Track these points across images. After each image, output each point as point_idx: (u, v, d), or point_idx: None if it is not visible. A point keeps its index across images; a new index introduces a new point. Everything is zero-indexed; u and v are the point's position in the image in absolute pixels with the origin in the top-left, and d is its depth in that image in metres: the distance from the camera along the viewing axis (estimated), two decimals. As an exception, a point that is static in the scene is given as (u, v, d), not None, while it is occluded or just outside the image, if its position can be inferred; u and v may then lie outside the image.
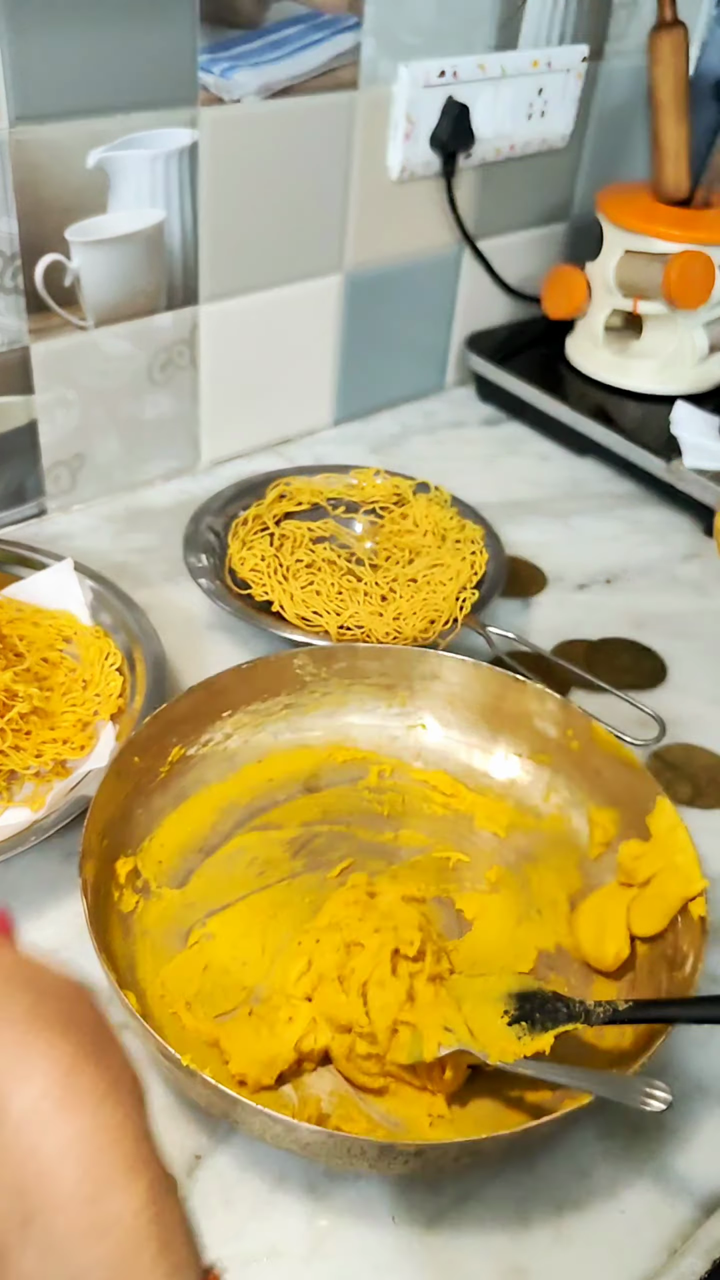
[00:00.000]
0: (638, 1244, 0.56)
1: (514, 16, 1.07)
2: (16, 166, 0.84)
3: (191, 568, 0.90)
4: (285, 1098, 0.60)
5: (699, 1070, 0.64)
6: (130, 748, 0.69)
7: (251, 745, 0.77)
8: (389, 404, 1.25)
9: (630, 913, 0.66)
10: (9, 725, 0.74)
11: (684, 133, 1.12)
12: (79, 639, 0.84)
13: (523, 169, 1.20)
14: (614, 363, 1.18)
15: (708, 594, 1.01)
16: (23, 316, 0.90)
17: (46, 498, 1.01)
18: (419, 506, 0.99)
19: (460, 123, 1.07)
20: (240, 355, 1.07)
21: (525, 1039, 0.58)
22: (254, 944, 0.66)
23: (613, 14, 1.17)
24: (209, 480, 1.08)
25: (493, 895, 0.71)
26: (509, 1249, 0.56)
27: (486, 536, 0.96)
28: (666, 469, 1.08)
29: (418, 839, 0.74)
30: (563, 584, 1.01)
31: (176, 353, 1.02)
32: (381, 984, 0.60)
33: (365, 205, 1.08)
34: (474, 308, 1.25)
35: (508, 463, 1.18)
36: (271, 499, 0.99)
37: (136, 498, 1.06)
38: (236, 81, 0.92)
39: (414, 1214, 0.57)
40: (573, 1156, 0.59)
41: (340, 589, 0.89)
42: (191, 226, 0.96)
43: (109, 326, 0.96)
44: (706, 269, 1.09)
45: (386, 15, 0.99)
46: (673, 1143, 0.60)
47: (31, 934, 0.67)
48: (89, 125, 0.86)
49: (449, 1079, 0.59)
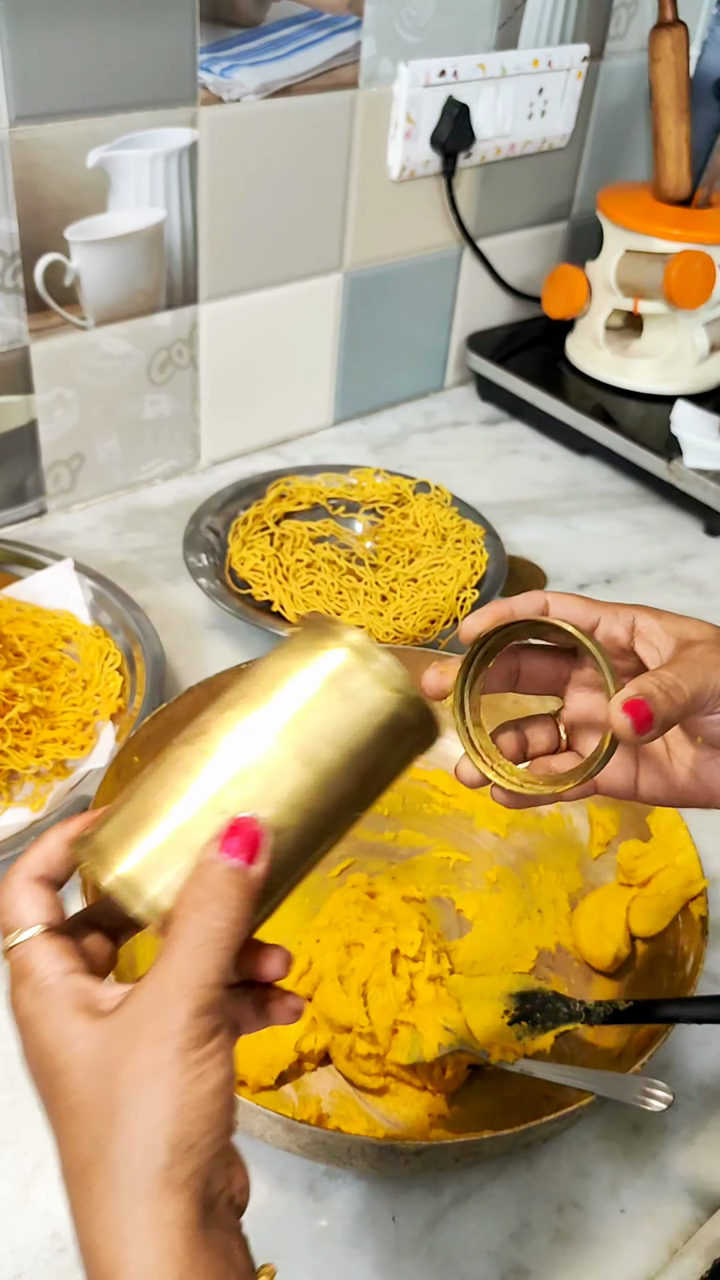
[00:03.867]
0: (638, 1243, 0.56)
1: (514, 16, 1.07)
2: (16, 166, 0.84)
3: (191, 567, 0.90)
4: (285, 1098, 0.60)
5: (699, 1070, 0.64)
6: (130, 747, 0.69)
7: (251, 745, 0.77)
8: (389, 404, 1.25)
9: (630, 912, 0.66)
10: (9, 725, 0.74)
11: (684, 132, 1.12)
12: (79, 639, 0.84)
13: (523, 168, 1.20)
14: (614, 362, 1.18)
15: (708, 593, 1.01)
16: (22, 316, 0.90)
17: (46, 497, 1.01)
18: (419, 506, 0.99)
19: (460, 122, 1.07)
20: (240, 355, 1.07)
21: (525, 1038, 0.58)
22: (254, 944, 0.66)
23: (613, 13, 1.17)
24: (209, 480, 1.08)
25: (493, 895, 0.71)
26: (509, 1249, 0.56)
27: (487, 536, 0.96)
28: (667, 469, 1.08)
29: (418, 839, 0.74)
30: (563, 583, 1.00)
31: (176, 352, 1.02)
32: (381, 984, 0.60)
33: (365, 205, 1.08)
34: (474, 307, 1.25)
35: (508, 462, 1.18)
36: (271, 499, 0.99)
37: (136, 497, 1.06)
38: (236, 81, 0.92)
39: (414, 1214, 0.57)
40: (573, 1156, 0.59)
41: (340, 588, 0.89)
42: (191, 226, 0.96)
43: (109, 326, 0.96)
44: (706, 269, 1.09)
45: (387, 14, 0.99)
46: (673, 1142, 0.60)
47: (31, 934, 0.67)
48: (89, 125, 0.86)
49: (449, 1078, 0.59)
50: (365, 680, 0.37)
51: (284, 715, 0.37)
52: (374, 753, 0.37)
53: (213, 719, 0.38)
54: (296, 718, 0.37)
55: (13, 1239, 0.54)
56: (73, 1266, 0.53)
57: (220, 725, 0.38)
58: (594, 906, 0.68)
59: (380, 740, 0.37)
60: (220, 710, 0.38)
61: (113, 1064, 0.34)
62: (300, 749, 0.37)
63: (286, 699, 0.37)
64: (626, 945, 0.66)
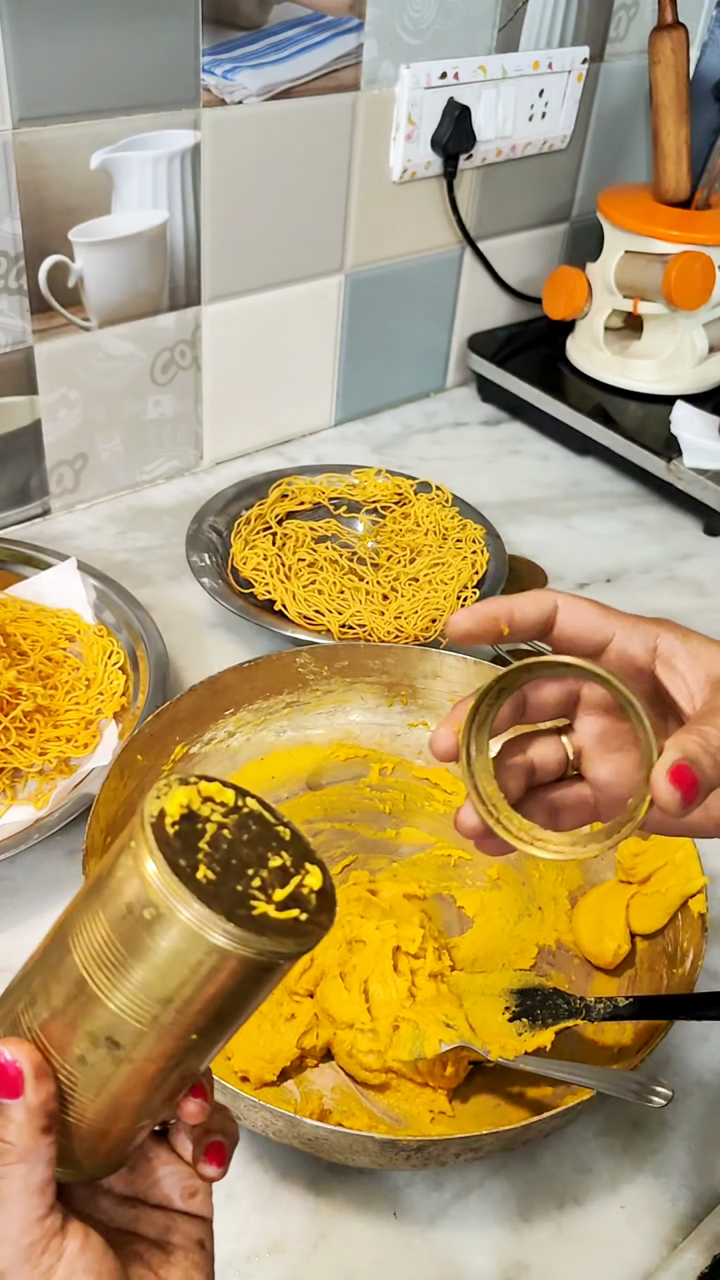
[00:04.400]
0: (638, 1239, 0.56)
1: (514, 19, 1.07)
2: (20, 168, 0.84)
3: (194, 566, 0.90)
4: (287, 1094, 0.60)
5: (699, 1066, 0.64)
6: (133, 746, 0.69)
7: (254, 743, 0.77)
8: (390, 404, 1.25)
9: (630, 909, 0.67)
10: (13, 723, 0.75)
11: (684, 133, 1.13)
12: (82, 638, 0.84)
13: (523, 170, 1.20)
14: (614, 363, 1.19)
15: (708, 593, 1.01)
16: (26, 317, 0.91)
17: (50, 497, 1.01)
18: (420, 506, 1.00)
19: (461, 124, 1.08)
20: (242, 355, 1.07)
21: (526, 1035, 0.58)
22: (256, 941, 0.66)
23: (613, 15, 1.18)
24: (211, 480, 1.09)
25: (493, 892, 0.71)
26: (510, 1244, 0.56)
27: (487, 536, 0.96)
28: (667, 469, 1.08)
29: (419, 836, 0.75)
30: (563, 583, 1.01)
31: (179, 353, 1.03)
32: (383, 980, 0.60)
33: (367, 206, 1.08)
34: (475, 308, 1.26)
35: (508, 463, 1.18)
36: (274, 498, 0.99)
37: (139, 497, 1.06)
38: (238, 83, 0.93)
39: (416, 1209, 0.57)
40: (573, 1152, 0.60)
41: (342, 588, 0.89)
42: (194, 227, 0.97)
43: (112, 327, 0.96)
44: (706, 269, 1.09)
45: (388, 17, 0.99)
46: (673, 1138, 0.61)
47: (36, 931, 0.67)
48: (92, 127, 0.87)
49: (450, 1075, 0.59)
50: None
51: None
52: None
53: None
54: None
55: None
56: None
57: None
58: (594, 904, 0.68)
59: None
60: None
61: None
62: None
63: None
64: (626, 942, 0.66)
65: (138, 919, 0.31)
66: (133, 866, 0.31)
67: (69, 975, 0.33)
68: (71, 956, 0.33)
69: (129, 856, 0.32)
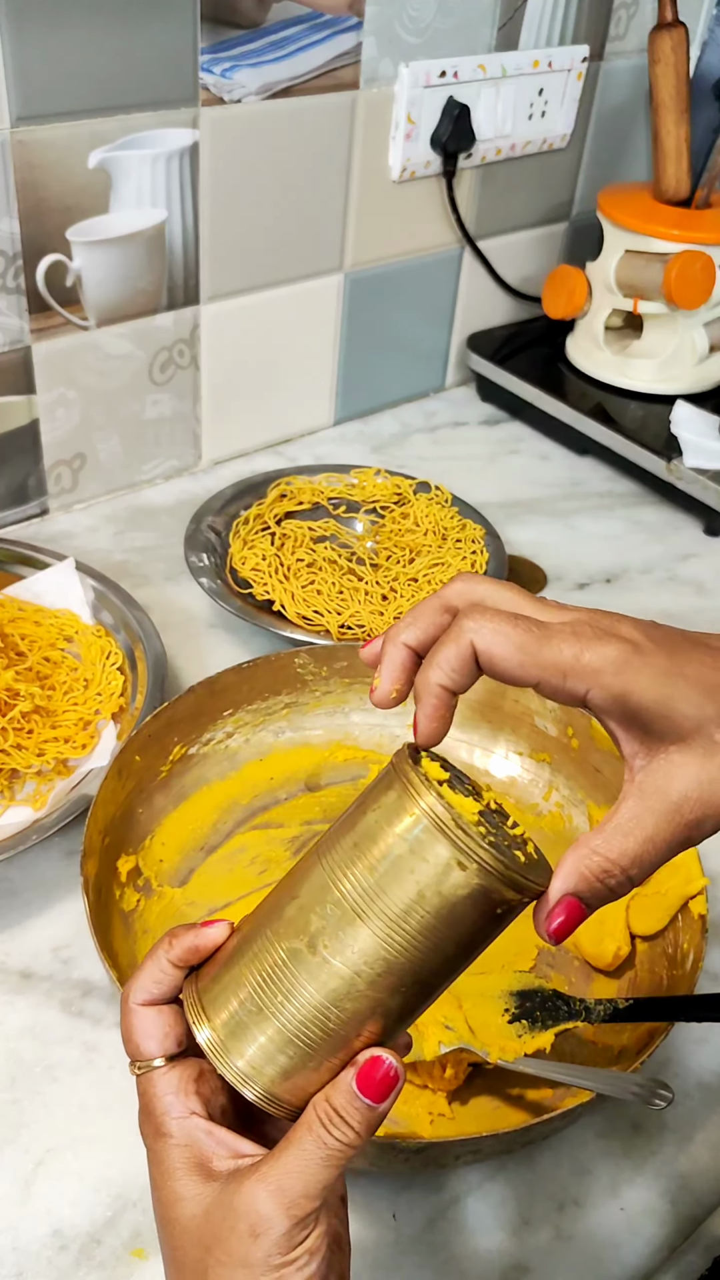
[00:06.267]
0: (638, 1241, 0.56)
1: (514, 17, 1.07)
2: (18, 167, 0.84)
3: (192, 567, 0.90)
4: (286, 1095, 0.60)
5: (699, 1068, 0.64)
6: (131, 746, 0.69)
7: (252, 744, 0.77)
8: (389, 404, 1.25)
9: (630, 911, 0.66)
10: (11, 724, 0.74)
11: (684, 133, 1.13)
12: (80, 638, 0.84)
13: (523, 169, 1.20)
14: (614, 363, 1.19)
15: (708, 593, 1.01)
16: (24, 316, 0.91)
17: (48, 497, 1.01)
18: (420, 506, 1.00)
19: (461, 123, 1.07)
20: (241, 355, 1.07)
21: (525, 1037, 0.58)
22: (255, 942, 0.66)
23: (613, 14, 1.18)
24: (210, 480, 1.09)
25: (493, 894, 0.71)
26: (510, 1246, 0.56)
27: (487, 536, 0.96)
28: (666, 468, 1.08)
29: (418, 837, 0.74)
30: (563, 583, 1.01)
31: (177, 352, 1.02)
32: (382, 982, 0.60)
33: (366, 205, 1.08)
34: (474, 308, 1.26)
35: (508, 462, 1.18)
36: (272, 498, 0.99)
37: (137, 497, 1.06)
38: (237, 81, 0.92)
39: (415, 1211, 0.57)
40: (573, 1154, 0.59)
41: (341, 588, 0.89)
42: (192, 226, 0.97)
43: (110, 326, 0.96)
44: (706, 269, 1.09)
45: (387, 15, 0.99)
46: (673, 1140, 0.60)
47: (34, 932, 0.67)
48: (90, 125, 0.86)
49: (449, 1077, 0.59)
50: (462, 878, 0.37)
51: (390, 915, 0.38)
52: (480, 933, 0.39)
53: (323, 908, 0.39)
54: (401, 918, 0.38)
55: (14, 1237, 0.55)
56: (74, 1265, 0.53)
57: (334, 925, 0.38)
58: (594, 905, 0.68)
59: (485, 924, 0.38)
60: (330, 902, 0.39)
61: (210, 1239, 0.37)
62: (412, 959, 0.38)
63: (390, 896, 0.38)
64: (626, 944, 0.66)
65: (447, 868, 0.37)
66: (423, 817, 0.37)
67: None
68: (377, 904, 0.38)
69: (411, 808, 0.38)
